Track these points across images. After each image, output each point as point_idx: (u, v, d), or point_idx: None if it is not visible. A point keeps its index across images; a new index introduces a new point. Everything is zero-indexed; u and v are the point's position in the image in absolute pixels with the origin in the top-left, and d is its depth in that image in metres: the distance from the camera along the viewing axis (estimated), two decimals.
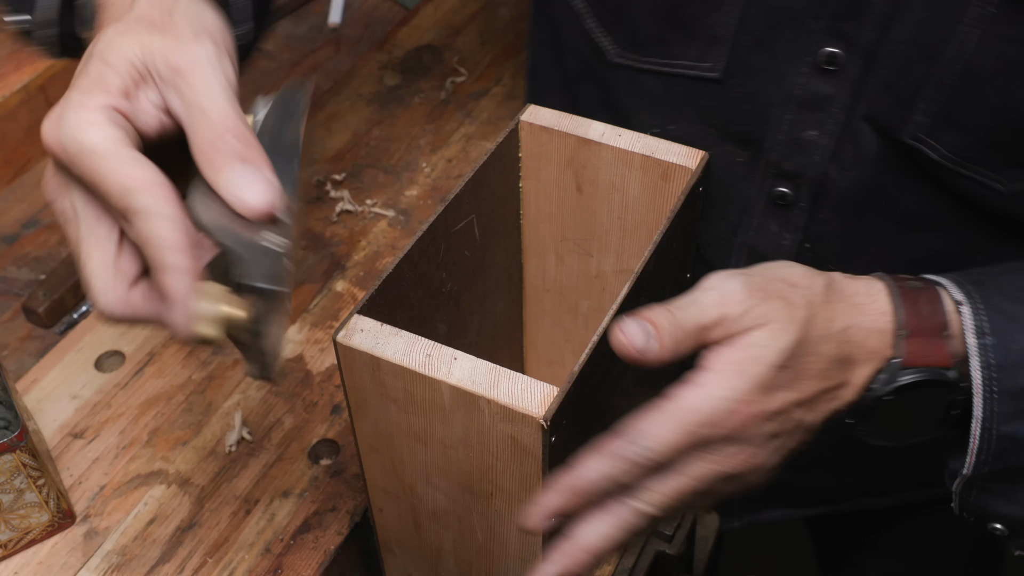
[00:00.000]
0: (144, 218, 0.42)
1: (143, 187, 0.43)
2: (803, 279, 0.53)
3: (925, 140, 0.62)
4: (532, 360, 0.86)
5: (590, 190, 0.72)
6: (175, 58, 0.45)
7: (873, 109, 0.63)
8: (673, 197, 0.68)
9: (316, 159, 1.05)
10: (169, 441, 0.80)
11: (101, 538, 0.74)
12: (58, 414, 0.81)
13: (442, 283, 0.67)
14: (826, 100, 0.64)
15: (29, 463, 0.68)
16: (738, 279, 0.52)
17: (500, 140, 0.69)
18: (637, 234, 0.72)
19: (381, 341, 0.55)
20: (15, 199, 1.05)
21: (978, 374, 0.52)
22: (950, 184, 0.64)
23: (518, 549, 0.61)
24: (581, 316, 0.80)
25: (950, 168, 0.63)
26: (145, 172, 0.43)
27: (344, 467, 0.78)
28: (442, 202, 0.64)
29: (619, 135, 0.68)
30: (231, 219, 0.40)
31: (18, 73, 1.05)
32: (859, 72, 0.62)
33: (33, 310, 0.91)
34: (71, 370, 0.84)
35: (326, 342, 0.87)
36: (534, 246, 0.78)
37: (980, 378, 0.52)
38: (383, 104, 1.11)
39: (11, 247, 1.00)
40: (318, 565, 0.72)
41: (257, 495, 0.76)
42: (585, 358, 0.54)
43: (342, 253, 0.95)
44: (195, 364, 0.85)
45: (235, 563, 0.72)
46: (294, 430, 0.80)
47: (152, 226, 0.42)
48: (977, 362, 0.52)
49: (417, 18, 1.23)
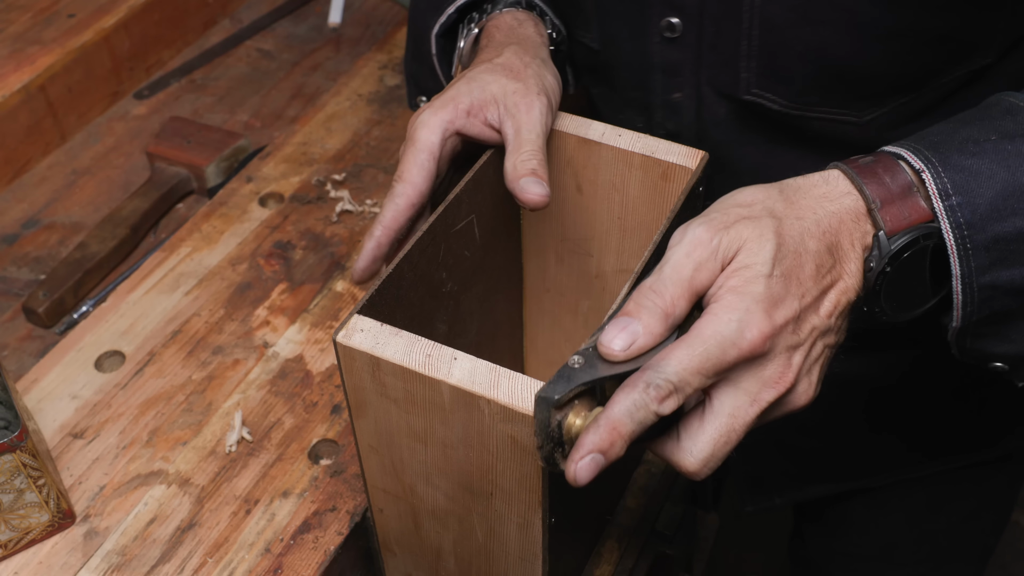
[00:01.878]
0: (390, 195, 0.65)
1: (407, 179, 0.65)
2: (757, 194, 0.54)
3: (761, 94, 0.68)
4: (532, 360, 0.86)
5: (590, 190, 0.72)
6: (520, 101, 0.66)
7: (710, 72, 0.70)
8: (673, 197, 0.68)
9: (314, 160, 1.05)
10: (169, 441, 0.80)
11: (101, 538, 0.74)
12: (58, 414, 0.81)
13: (442, 283, 0.67)
14: (679, 65, 0.71)
15: (29, 463, 0.68)
16: (697, 223, 0.53)
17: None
18: (637, 234, 0.72)
19: (381, 341, 0.55)
20: (15, 199, 1.05)
21: (949, 235, 0.53)
22: (807, 127, 0.69)
23: (518, 549, 0.61)
24: (581, 316, 0.80)
25: (796, 114, 0.69)
26: (416, 173, 0.65)
27: (344, 467, 0.78)
28: (442, 202, 0.64)
29: (619, 135, 0.68)
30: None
31: (18, 73, 1.05)
32: (694, 38, 0.69)
33: (33, 310, 0.91)
34: (71, 370, 0.84)
35: (326, 342, 0.87)
36: (534, 246, 0.78)
37: (952, 238, 0.53)
38: (383, 104, 1.11)
39: (11, 247, 1.00)
40: (318, 565, 0.72)
41: (257, 495, 0.76)
42: None
43: (342, 253, 0.95)
44: (195, 364, 0.85)
45: (235, 563, 0.72)
46: (294, 430, 0.80)
47: (388, 202, 0.65)
48: (947, 224, 0.53)
49: None
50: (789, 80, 0.68)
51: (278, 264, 0.94)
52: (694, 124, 0.74)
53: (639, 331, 0.50)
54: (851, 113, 0.68)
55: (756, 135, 0.73)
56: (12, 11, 1.14)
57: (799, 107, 0.69)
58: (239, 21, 1.28)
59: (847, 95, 0.68)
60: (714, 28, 0.68)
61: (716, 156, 0.73)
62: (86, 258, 0.96)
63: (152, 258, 0.94)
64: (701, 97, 0.72)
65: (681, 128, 0.75)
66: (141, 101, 1.17)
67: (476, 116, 0.66)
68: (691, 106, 0.73)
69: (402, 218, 0.65)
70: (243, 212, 0.98)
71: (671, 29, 0.69)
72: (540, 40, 0.73)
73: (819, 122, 0.69)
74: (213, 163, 1.04)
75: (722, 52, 0.69)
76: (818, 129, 0.70)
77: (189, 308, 0.90)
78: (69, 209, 1.04)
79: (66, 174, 1.08)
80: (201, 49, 1.24)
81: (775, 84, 0.68)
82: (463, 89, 0.67)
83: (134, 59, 1.17)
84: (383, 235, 0.65)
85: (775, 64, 0.67)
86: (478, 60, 0.70)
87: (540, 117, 0.65)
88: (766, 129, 0.72)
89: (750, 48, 0.67)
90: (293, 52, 1.24)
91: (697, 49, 0.70)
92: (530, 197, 0.63)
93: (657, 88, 0.74)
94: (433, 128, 0.65)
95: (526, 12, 0.75)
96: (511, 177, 0.63)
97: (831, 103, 0.68)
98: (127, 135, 1.12)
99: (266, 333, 0.88)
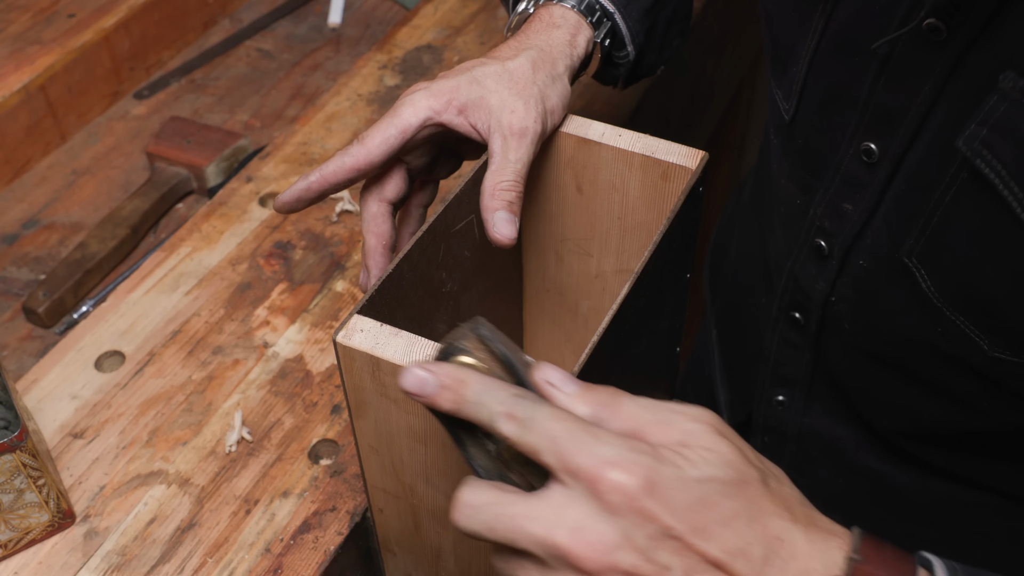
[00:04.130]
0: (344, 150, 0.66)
1: (366, 144, 0.66)
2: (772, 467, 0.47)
3: (916, 265, 0.65)
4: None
5: (590, 190, 0.72)
6: (516, 123, 0.66)
7: (888, 213, 0.66)
8: (673, 197, 0.68)
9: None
10: (169, 441, 0.80)
11: (101, 538, 0.74)
12: (58, 414, 0.81)
13: (442, 283, 0.67)
14: (862, 185, 0.67)
15: (29, 463, 0.68)
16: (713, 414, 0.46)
17: None
18: (637, 234, 0.72)
19: (381, 341, 0.55)
20: (15, 199, 1.05)
21: None
22: (939, 321, 0.65)
23: None
24: (581, 316, 0.80)
25: (936, 305, 0.64)
26: (378, 144, 0.66)
27: (344, 467, 0.78)
28: (442, 202, 0.64)
29: (619, 135, 0.68)
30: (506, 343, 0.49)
31: (18, 73, 1.05)
32: (886, 175, 0.65)
33: (33, 310, 0.91)
34: (71, 370, 0.84)
35: (326, 342, 0.87)
36: (534, 246, 0.78)
37: None
38: (383, 104, 1.11)
39: (11, 247, 1.00)
40: (318, 565, 0.72)
41: (257, 495, 0.76)
42: (585, 358, 0.54)
43: (342, 253, 0.95)
44: (195, 364, 0.85)
45: (235, 563, 0.72)
46: (294, 430, 0.80)
47: (338, 156, 0.66)
48: None
49: (417, 18, 1.23)
50: (942, 274, 0.63)
51: (278, 264, 0.94)
52: (851, 239, 0.69)
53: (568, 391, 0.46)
54: (984, 340, 0.63)
55: (898, 292, 0.68)
56: (12, 11, 1.14)
57: (940, 301, 0.64)
58: (239, 21, 1.28)
59: (986, 324, 0.63)
60: (904, 184, 0.64)
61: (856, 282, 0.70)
62: (86, 258, 0.96)
63: (152, 258, 0.94)
64: (871, 224, 0.68)
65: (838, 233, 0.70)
66: (141, 101, 1.17)
67: (466, 116, 0.67)
68: (857, 223, 0.69)
69: (342, 175, 0.66)
70: (243, 212, 0.98)
71: (868, 155, 0.66)
72: (567, 51, 0.71)
73: (952, 326, 0.64)
74: (213, 163, 1.04)
75: (902, 207, 0.65)
76: (949, 331, 0.65)
77: (189, 308, 0.90)
78: (69, 209, 1.04)
79: (66, 174, 1.08)
80: (201, 49, 1.24)
81: (930, 270, 0.64)
82: (463, 87, 0.67)
83: (134, 59, 1.17)
84: (316, 182, 0.67)
85: (937, 254, 0.63)
86: (495, 52, 0.70)
87: (529, 146, 0.65)
88: (907, 296, 0.67)
89: (925, 225, 0.63)
90: (293, 52, 1.24)
91: (884, 186, 0.66)
92: (499, 237, 0.63)
93: (831, 188, 0.70)
94: (418, 111, 0.66)
95: (577, 14, 0.73)
96: (487, 200, 0.64)
97: (970, 319, 0.63)
98: (127, 135, 1.12)
99: (266, 333, 0.88)
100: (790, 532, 0.44)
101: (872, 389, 0.76)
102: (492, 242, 0.63)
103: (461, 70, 0.68)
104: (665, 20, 0.79)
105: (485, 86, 0.67)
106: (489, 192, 0.64)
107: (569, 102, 0.71)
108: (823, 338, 0.77)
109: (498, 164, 0.65)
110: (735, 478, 0.44)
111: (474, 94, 0.66)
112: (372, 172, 0.67)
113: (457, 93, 0.66)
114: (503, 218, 0.63)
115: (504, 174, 0.64)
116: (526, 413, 0.44)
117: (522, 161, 0.65)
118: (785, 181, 0.77)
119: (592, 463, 0.42)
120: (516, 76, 0.67)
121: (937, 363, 0.68)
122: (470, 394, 0.45)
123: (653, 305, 0.65)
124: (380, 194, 0.69)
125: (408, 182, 0.70)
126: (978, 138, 0.56)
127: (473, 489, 0.45)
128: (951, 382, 0.69)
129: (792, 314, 0.78)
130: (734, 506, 0.43)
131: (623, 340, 0.60)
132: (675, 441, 0.44)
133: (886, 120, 0.64)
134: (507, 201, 0.64)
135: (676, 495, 0.42)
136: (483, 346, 0.49)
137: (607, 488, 0.42)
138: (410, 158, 0.69)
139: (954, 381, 0.68)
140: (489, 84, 0.67)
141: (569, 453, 0.43)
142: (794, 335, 0.79)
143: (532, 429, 0.44)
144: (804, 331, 0.78)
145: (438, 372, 0.46)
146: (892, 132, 0.64)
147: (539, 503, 0.43)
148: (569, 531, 0.42)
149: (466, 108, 0.66)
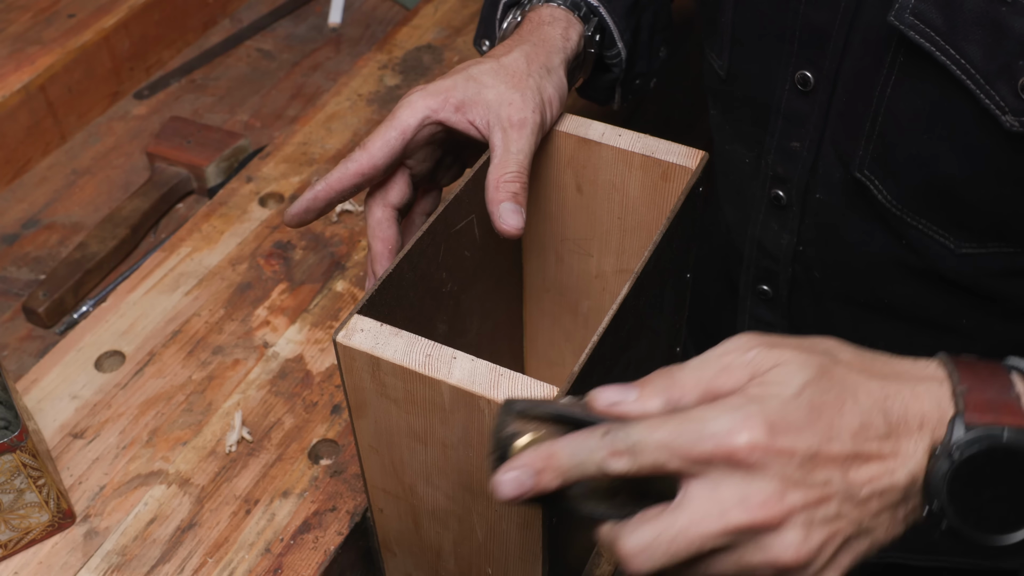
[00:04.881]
0: (347, 158, 0.67)
1: (368, 149, 0.66)
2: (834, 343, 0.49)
3: (870, 178, 0.66)
4: (532, 360, 0.86)
5: (590, 190, 0.72)
6: (515, 115, 0.65)
7: (834, 134, 0.69)
8: (673, 197, 0.68)
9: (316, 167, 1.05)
10: (169, 441, 0.80)
11: (101, 538, 0.74)
12: (58, 414, 0.81)
13: (442, 283, 0.67)
14: (804, 117, 0.70)
15: (29, 463, 0.68)
16: (750, 333, 0.48)
17: None
18: (637, 234, 0.72)
19: (381, 341, 0.55)
20: (15, 199, 1.05)
21: None
22: (904, 233, 0.67)
23: (518, 549, 0.61)
24: (581, 316, 0.80)
25: (896, 214, 0.66)
26: (380, 147, 0.66)
27: (344, 467, 0.78)
28: (442, 202, 0.64)
29: (619, 135, 0.68)
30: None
31: (18, 73, 1.05)
32: (825, 97, 0.68)
33: (33, 310, 0.91)
34: (71, 370, 0.84)
35: (326, 342, 0.87)
36: (534, 246, 0.78)
37: None
38: (383, 104, 1.11)
39: (11, 247, 1.00)
40: (318, 565, 0.72)
41: (257, 495, 0.76)
42: (585, 358, 0.54)
43: (342, 253, 0.95)
44: (195, 364, 0.85)
45: (235, 563, 0.72)
46: (294, 430, 0.80)
47: (342, 164, 0.67)
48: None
49: (417, 18, 1.23)
50: (896, 176, 0.66)
51: (278, 264, 0.94)
52: (805, 176, 0.73)
53: (632, 398, 0.47)
54: (948, 238, 0.65)
55: (857, 217, 0.71)
56: (12, 11, 1.14)
57: (900, 208, 0.67)
58: (239, 21, 1.28)
59: (948, 218, 0.65)
60: (845, 97, 0.67)
61: (818, 220, 0.73)
62: (86, 258, 0.96)
63: (152, 258, 0.94)
64: (820, 153, 0.71)
65: (791, 175, 0.74)
66: (141, 101, 1.17)
67: (464, 113, 0.67)
68: (807, 159, 0.72)
69: (347, 182, 0.67)
70: (243, 212, 0.98)
71: (804, 83, 0.69)
72: (560, 44, 0.72)
73: (916, 232, 0.67)
74: (213, 163, 1.04)
75: (847, 122, 0.68)
76: (914, 241, 0.67)
77: (189, 308, 0.90)
78: (69, 209, 1.04)
79: (66, 174, 1.08)
80: (201, 49, 1.24)
81: (884, 175, 0.67)
82: (460, 85, 0.67)
83: (134, 59, 1.17)
84: (323, 191, 0.67)
85: (888, 156, 0.66)
86: (490, 52, 0.71)
87: (530, 136, 0.65)
88: (867, 216, 0.70)
89: (871, 130, 0.66)
90: (293, 52, 1.24)
91: (825, 108, 0.69)
92: (506, 228, 0.63)
93: (776, 131, 0.73)
94: (415, 111, 0.66)
95: (565, 10, 0.74)
96: (491, 193, 0.64)
97: (931, 219, 0.65)
98: (127, 135, 1.12)
99: (266, 333, 0.88)
100: (888, 388, 0.46)
101: (850, 339, 0.75)
102: (500, 234, 0.63)
103: (457, 70, 0.69)
104: (648, 25, 0.80)
105: (481, 82, 0.67)
106: (493, 185, 0.64)
107: (567, 95, 0.71)
108: (794, 301, 0.78)
109: (500, 157, 0.65)
110: (815, 374, 0.46)
111: (471, 91, 0.67)
112: (376, 176, 0.67)
113: (453, 91, 0.67)
114: (509, 209, 0.63)
115: (507, 166, 0.64)
116: (625, 442, 0.45)
117: (524, 152, 0.65)
118: (731, 146, 0.78)
119: (715, 443, 0.43)
120: (511, 70, 0.68)
121: (909, 285, 0.70)
122: (565, 461, 0.46)
123: (653, 305, 0.65)
124: (385, 199, 0.69)
125: (412, 188, 0.70)
126: (907, 8, 0.59)
127: (628, 535, 0.45)
128: (927, 302, 0.70)
129: (760, 287, 0.79)
130: (835, 396, 0.45)
131: (623, 340, 0.60)
132: (748, 378, 0.46)
133: (816, 39, 0.66)
134: (512, 192, 0.63)
135: (792, 419, 0.44)
136: (528, 419, 0.48)
137: (743, 453, 0.43)
138: (413, 163, 0.69)
139: (929, 300, 0.69)
140: (485, 80, 0.67)
141: (688, 448, 0.44)
142: (763, 311, 0.80)
143: (642, 451, 0.44)
144: (774, 302, 0.79)
145: (522, 464, 0.46)
146: (823, 47, 0.66)
147: (694, 505, 0.44)
148: (738, 508, 0.43)
149: (463, 105, 0.66)
